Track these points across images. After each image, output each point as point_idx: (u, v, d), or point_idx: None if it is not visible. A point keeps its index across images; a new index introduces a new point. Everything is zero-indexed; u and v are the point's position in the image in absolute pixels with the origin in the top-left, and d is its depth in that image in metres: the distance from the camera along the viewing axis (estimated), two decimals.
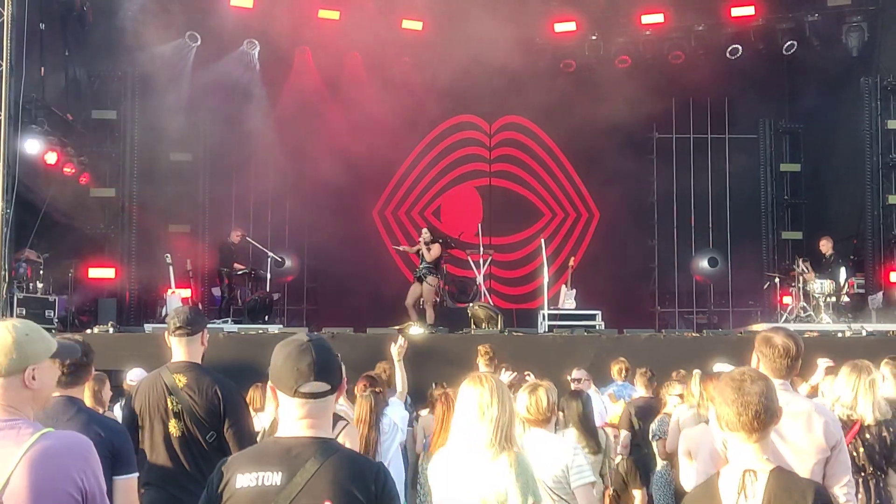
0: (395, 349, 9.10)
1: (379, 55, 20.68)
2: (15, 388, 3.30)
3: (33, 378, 3.33)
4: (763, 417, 3.57)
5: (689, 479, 6.32)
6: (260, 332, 14.82)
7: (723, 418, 3.62)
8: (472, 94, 21.04)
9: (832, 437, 4.72)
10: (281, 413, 3.26)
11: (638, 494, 9.61)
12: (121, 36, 18.16)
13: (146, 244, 18.84)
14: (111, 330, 14.34)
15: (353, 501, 3.12)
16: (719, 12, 20.10)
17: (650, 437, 9.51)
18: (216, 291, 19.27)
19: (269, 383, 3.29)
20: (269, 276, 17.72)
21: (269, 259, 17.82)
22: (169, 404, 5.27)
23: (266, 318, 17.10)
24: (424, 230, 17.83)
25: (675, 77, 20.66)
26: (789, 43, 20.16)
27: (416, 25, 20.37)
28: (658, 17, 20.31)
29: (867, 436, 6.14)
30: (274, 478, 3.12)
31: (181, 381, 5.31)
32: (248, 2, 19.50)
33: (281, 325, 16.55)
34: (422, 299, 17.46)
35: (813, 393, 7.56)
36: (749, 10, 19.94)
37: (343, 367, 3.35)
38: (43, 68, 16.85)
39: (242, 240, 18.48)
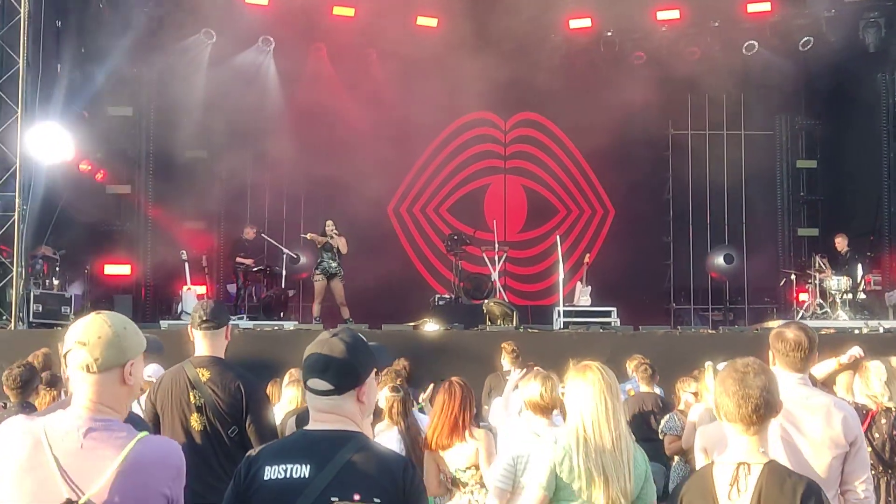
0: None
1: (394, 52, 20.65)
2: (113, 384, 3.17)
3: (131, 374, 3.21)
4: (762, 412, 3.56)
5: None
6: (276, 328, 14.82)
7: (721, 408, 3.62)
8: (487, 90, 20.90)
9: (851, 433, 4.68)
10: (309, 407, 3.29)
11: None
12: (137, 33, 18.19)
13: (161, 241, 18.91)
14: None
15: (381, 495, 3.12)
16: (735, 8, 19.94)
17: (659, 433, 9.52)
18: (231, 288, 19.31)
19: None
20: (284, 272, 17.72)
21: (285, 256, 17.82)
22: (191, 398, 5.27)
23: (281, 314, 17.12)
24: (329, 221, 17.12)
25: (690, 73, 20.56)
26: (805, 39, 19.97)
27: (431, 22, 20.33)
28: (674, 14, 20.20)
29: (875, 434, 6.10)
30: (302, 470, 3.12)
31: (204, 375, 5.31)
32: None
33: (296, 322, 16.56)
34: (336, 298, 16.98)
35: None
36: (765, 6, 19.80)
37: (366, 366, 3.30)
38: (59, 65, 16.90)
39: (257, 236, 18.51)
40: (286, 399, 6.85)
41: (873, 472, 6.04)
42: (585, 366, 4.65)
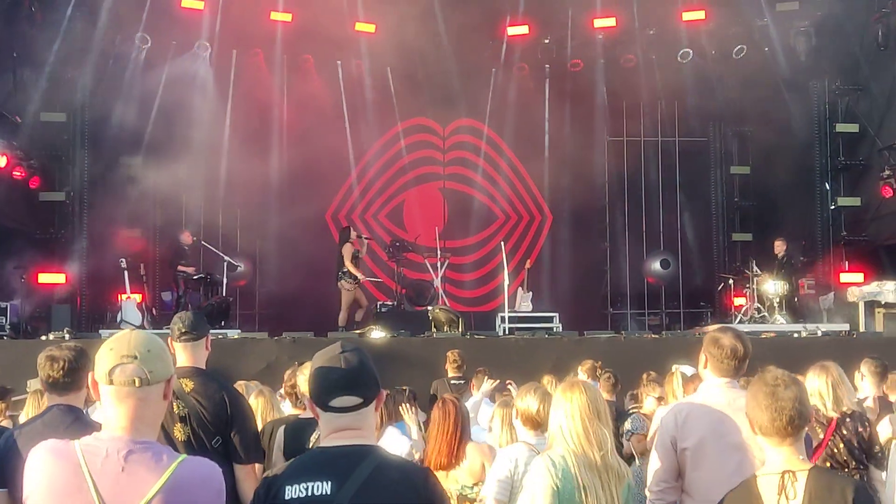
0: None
1: (331, 57, 20.60)
2: (157, 399, 3.08)
3: (170, 388, 3.15)
4: (797, 422, 3.60)
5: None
6: (219, 336, 14.58)
7: (756, 423, 3.63)
8: (425, 96, 21.00)
9: None
10: (321, 425, 3.23)
11: None
12: (70, 37, 17.85)
13: (97, 248, 18.55)
14: (67, 336, 13.97)
15: None
16: (671, 16, 20.21)
17: (623, 435, 9.55)
18: (167, 296, 19.01)
19: (308, 397, 3.27)
20: (225, 280, 17.49)
21: (225, 263, 17.59)
22: (175, 408, 5.16)
23: (223, 322, 16.88)
24: (353, 231, 17.73)
25: (626, 80, 20.81)
26: (739, 47, 20.32)
27: (369, 28, 20.25)
28: (610, 21, 20.45)
29: (844, 431, 6.26)
30: (324, 487, 3.08)
31: (188, 385, 5.22)
32: (199, 3, 19.25)
33: (239, 330, 16.33)
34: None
35: None
36: (700, 15, 20.07)
37: (377, 377, 3.29)
38: None
39: (194, 242, 18.25)
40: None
41: (846, 469, 6.20)
42: (571, 383, 4.64)
